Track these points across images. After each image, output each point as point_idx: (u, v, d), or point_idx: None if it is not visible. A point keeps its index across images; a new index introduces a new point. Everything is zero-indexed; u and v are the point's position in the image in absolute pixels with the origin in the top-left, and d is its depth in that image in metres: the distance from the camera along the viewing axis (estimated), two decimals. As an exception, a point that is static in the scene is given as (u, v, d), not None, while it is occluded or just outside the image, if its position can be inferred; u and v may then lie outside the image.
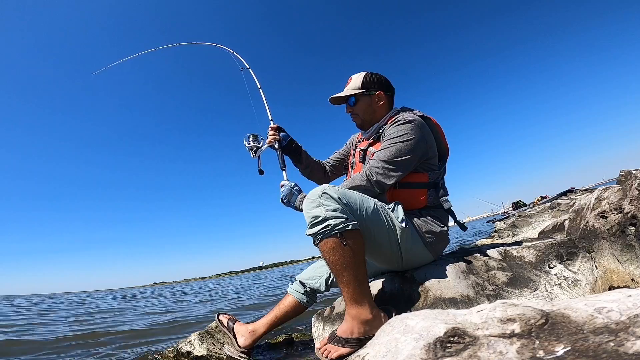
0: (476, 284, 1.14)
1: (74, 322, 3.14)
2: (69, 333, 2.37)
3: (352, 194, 1.09)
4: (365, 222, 1.06)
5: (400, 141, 1.19)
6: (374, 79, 1.36)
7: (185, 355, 1.37)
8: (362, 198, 1.11)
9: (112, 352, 1.73)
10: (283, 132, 1.56)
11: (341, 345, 0.96)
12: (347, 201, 1.03)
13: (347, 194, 1.06)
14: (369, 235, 1.08)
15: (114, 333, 2.29)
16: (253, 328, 1.38)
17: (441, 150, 1.31)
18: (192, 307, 4.05)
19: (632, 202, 1.10)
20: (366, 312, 0.96)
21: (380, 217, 1.11)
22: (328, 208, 0.98)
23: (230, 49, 2.26)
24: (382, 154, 1.20)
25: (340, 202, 1.01)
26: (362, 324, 0.96)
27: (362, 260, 1.00)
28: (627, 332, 0.40)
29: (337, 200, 1.00)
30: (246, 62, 2.12)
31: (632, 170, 1.27)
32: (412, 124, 1.20)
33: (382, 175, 1.18)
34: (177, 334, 2.13)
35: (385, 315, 1.00)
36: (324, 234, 0.96)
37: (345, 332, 0.97)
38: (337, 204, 1.00)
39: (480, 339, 0.48)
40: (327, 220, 0.96)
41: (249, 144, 1.55)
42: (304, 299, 1.41)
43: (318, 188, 1.05)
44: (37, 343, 1.99)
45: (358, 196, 1.10)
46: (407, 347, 0.51)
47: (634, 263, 1.05)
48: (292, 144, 1.56)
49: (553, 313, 0.50)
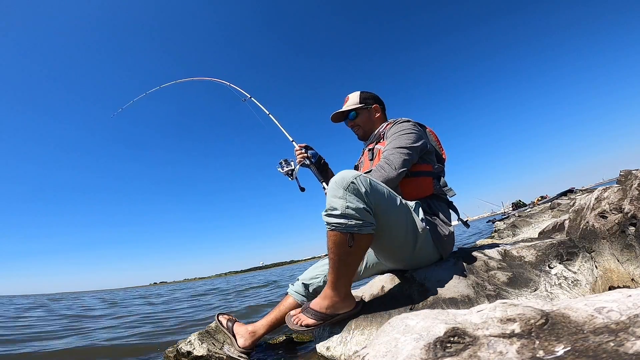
0: (476, 284, 1.14)
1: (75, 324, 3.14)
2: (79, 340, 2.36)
3: (382, 187, 1.08)
4: (387, 219, 1.07)
5: (405, 133, 1.31)
6: (369, 95, 1.56)
7: (185, 355, 1.36)
8: (390, 194, 1.10)
9: (111, 353, 1.73)
10: (311, 149, 1.64)
11: (309, 316, 1.12)
12: (373, 196, 1.01)
13: (376, 187, 1.05)
14: (387, 231, 1.10)
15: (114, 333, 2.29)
16: (253, 329, 1.38)
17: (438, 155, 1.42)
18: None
19: (632, 202, 1.10)
20: (337, 295, 1.10)
21: (403, 215, 1.12)
22: (349, 205, 0.97)
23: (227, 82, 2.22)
24: (394, 144, 1.28)
25: (367, 197, 1.00)
26: (331, 303, 1.11)
27: (358, 260, 1.07)
28: (627, 332, 0.40)
29: (363, 196, 0.99)
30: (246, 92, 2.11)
31: (632, 170, 1.27)
32: (410, 122, 1.38)
33: (400, 161, 1.23)
34: (177, 334, 2.13)
35: (353, 303, 1.15)
36: (336, 227, 0.98)
37: (315, 305, 1.12)
38: (360, 202, 0.98)
39: (480, 339, 0.48)
40: (343, 217, 0.97)
41: (282, 169, 1.62)
42: (304, 301, 1.41)
43: (348, 174, 1.01)
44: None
45: (386, 191, 1.09)
46: (407, 347, 0.51)
47: (634, 263, 1.05)
48: (321, 160, 1.65)
49: (553, 313, 0.50)
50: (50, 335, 2.38)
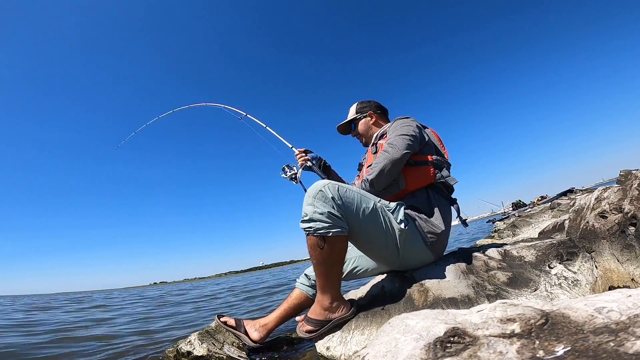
0: (476, 284, 1.14)
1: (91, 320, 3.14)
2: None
3: (351, 193, 1.13)
4: (360, 223, 1.14)
5: (406, 125, 1.35)
6: (364, 104, 1.66)
7: (185, 355, 1.36)
8: (361, 198, 1.15)
9: (111, 353, 1.73)
10: (310, 152, 1.70)
11: (308, 323, 1.20)
12: (343, 201, 1.10)
13: (345, 194, 1.11)
14: (364, 235, 1.18)
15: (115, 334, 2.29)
16: (265, 322, 1.42)
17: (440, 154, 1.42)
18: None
19: (632, 202, 1.10)
20: (327, 301, 1.17)
21: (377, 217, 1.16)
22: (316, 210, 1.07)
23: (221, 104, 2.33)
24: (395, 133, 1.32)
25: (335, 202, 1.07)
26: (322, 309, 1.18)
27: (336, 261, 1.13)
28: (627, 332, 0.40)
29: (330, 201, 1.07)
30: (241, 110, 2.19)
31: (632, 170, 1.27)
32: (410, 118, 1.42)
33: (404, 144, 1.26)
34: (177, 334, 2.13)
35: (346, 307, 1.19)
36: (307, 231, 1.08)
37: (311, 313, 1.21)
38: (328, 207, 1.07)
39: (480, 339, 0.48)
40: (312, 222, 1.07)
41: (286, 175, 1.66)
42: (310, 291, 1.45)
43: (318, 183, 1.13)
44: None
45: (357, 196, 1.14)
46: (407, 347, 0.51)
47: (634, 263, 1.05)
48: (321, 162, 1.69)
49: (553, 313, 0.50)
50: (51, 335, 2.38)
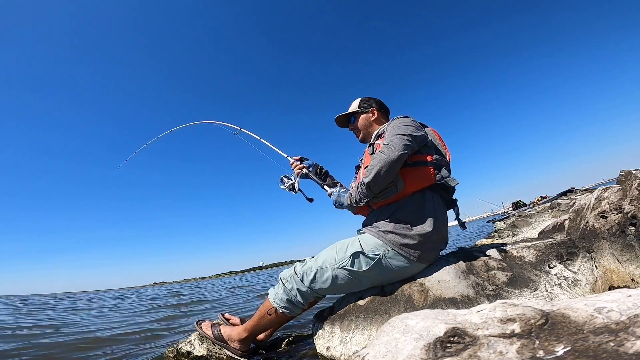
0: (476, 284, 1.14)
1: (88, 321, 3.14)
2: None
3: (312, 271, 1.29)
4: (329, 290, 1.31)
5: (404, 124, 1.32)
6: (368, 100, 1.62)
7: (185, 355, 1.37)
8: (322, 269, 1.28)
9: (111, 353, 1.73)
10: (306, 160, 1.70)
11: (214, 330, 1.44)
12: (305, 276, 1.30)
13: (307, 272, 1.30)
14: (339, 292, 1.36)
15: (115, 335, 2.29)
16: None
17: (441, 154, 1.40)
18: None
19: (632, 202, 1.10)
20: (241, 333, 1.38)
21: (340, 279, 1.27)
22: (278, 292, 1.33)
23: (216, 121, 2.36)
24: (393, 132, 1.29)
25: (292, 290, 1.30)
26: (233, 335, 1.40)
27: (270, 326, 1.38)
28: (627, 332, 0.40)
29: (288, 290, 1.31)
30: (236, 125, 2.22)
31: (632, 170, 1.27)
32: (409, 117, 1.40)
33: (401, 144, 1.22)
34: (176, 334, 2.13)
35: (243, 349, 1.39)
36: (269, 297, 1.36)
37: (225, 327, 1.45)
38: (285, 294, 1.31)
39: (480, 339, 0.48)
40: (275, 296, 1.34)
41: (284, 185, 1.65)
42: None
43: (288, 271, 1.35)
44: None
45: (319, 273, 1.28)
46: (407, 347, 0.51)
47: (634, 263, 1.05)
48: (317, 168, 1.68)
49: (553, 313, 0.50)
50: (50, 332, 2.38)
